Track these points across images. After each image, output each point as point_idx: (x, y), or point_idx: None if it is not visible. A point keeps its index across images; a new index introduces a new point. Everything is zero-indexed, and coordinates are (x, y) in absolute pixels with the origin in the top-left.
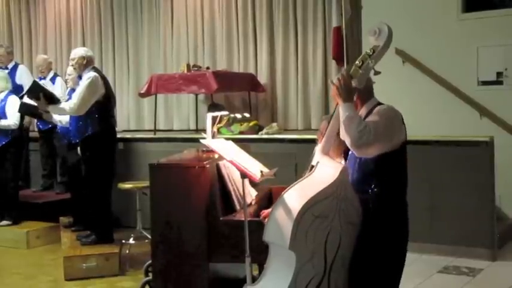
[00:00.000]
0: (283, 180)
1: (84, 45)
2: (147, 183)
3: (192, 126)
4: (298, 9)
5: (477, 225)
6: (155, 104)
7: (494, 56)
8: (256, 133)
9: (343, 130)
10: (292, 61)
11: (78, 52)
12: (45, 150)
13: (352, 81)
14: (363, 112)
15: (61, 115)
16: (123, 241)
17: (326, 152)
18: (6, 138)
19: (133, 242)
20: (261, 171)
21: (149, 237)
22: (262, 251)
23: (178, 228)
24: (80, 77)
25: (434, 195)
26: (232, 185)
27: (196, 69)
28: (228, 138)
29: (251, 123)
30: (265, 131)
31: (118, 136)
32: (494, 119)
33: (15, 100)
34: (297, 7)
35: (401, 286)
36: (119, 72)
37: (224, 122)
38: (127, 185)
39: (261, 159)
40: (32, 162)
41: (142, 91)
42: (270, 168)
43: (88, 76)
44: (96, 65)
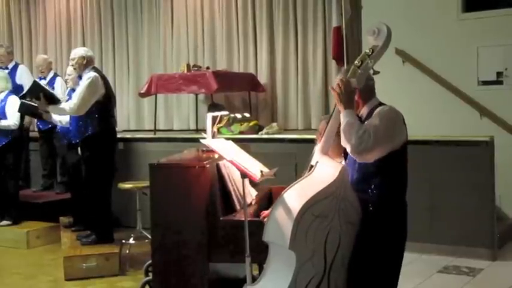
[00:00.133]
0: (283, 180)
1: (84, 45)
2: (147, 183)
3: (192, 126)
4: (298, 9)
5: (477, 225)
6: (155, 104)
7: (494, 56)
8: (256, 133)
9: (343, 137)
10: (292, 61)
11: (78, 52)
12: (45, 150)
13: (351, 81)
14: (364, 112)
15: (61, 115)
16: (123, 241)
17: (325, 151)
18: (6, 139)
19: (133, 242)
20: (261, 171)
21: (149, 237)
22: (262, 251)
23: (179, 228)
24: (80, 77)
25: (434, 195)
26: (232, 185)
27: (196, 69)
28: (228, 138)
29: (251, 123)
30: (265, 131)
31: (118, 136)
32: (495, 118)
33: (15, 100)
34: (297, 7)
35: (401, 286)
36: (119, 72)
37: (224, 122)
38: (127, 185)
39: (261, 159)
40: (32, 162)
41: (143, 91)
42: (270, 168)
43: (88, 76)
44: (96, 65)
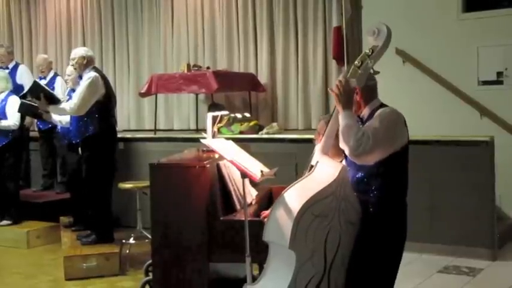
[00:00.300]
0: (283, 180)
1: (84, 45)
2: (147, 183)
3: (193, 126)
4: (299, 9)
5: (477, 225)
6: (155, 103)
7: (494, 56)
8: (257, 133)
9: (341, 139)
10: (293, 61)
11: (78, 52)
12: (46, 150)
13: (351, 81)
14: (365, 113)
15: (61, 115)
16: (124, 241)
17: (326, 151)
18: (7, 139)
19: (133, 241)
20: (261, 171)
21: (149, 237)
22: (262, 251)
23: (179, 228)
24: (80, 77)
25: (434, 195)
26: (232, 185)
27: (196, 69)
28: (228, 138)
29: (251, 123)
30: (265, 130)
31: (118, 136)
32: (495, 118)
33: (15, 100)
34: (297, 6)
35: (401, 286)
36: (119, 71)
37: (224, 121)
38: (127, 185)
39: (261, 159)
40: (32, 162)
41: (143, 91)
42: (270, 168)
43: (88, 76)
44: (96, 65)
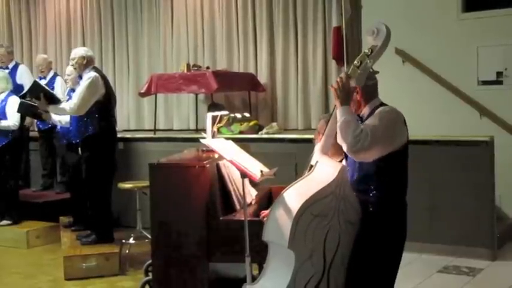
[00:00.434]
0: (283, 180)
1: (84, 45)
2: (147, 183)
3: (192, 126)
4: (298, 9)
5: (477, 225)
6: (155, 103)
7: (494, 55)
8: (256, 133)
9: (339, 135)
10: (292, 61)
11: (78, 52)
12: (45, 150)
13: (350, 81)
14: (365, 112)
15: (61, 115)
16: (123, 241)
17: (325, 151)
18: (6, 139)
19: (133, 241)
20: (261, 171)
21: (149, 237)
22: (262, 251)
23: (178, 228)
24: (80, 77)
25: (434, 195)
26: (232, 185)
27: (196, 68)
28: (228, 138)
29: (251, 123)
30: (265, 130)
31: (118, 136)
32: (494, 118)
33: (15, 101)
34: (297, 7)
35: (401, 286)
36: (118, 72)
37: (224, 121)
38: (127, 185)
39: (261, 159)
40: (32, 162)
41: (142, 91)
42: (270, 168)
43: (88, 76)
44: (96, 65)
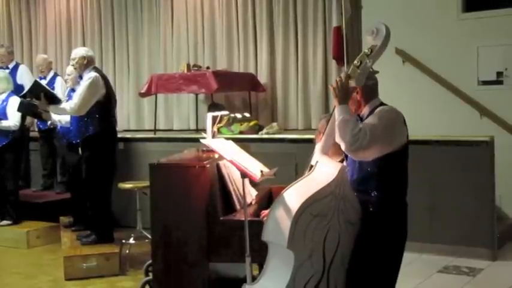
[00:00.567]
0: (283, 180)
1: (84, 45)
2: (147, 183)
3: (192, 126)
4: (299, 9)
5: (477, 225)
6: (155, 103)
7: (494, 55)
8: (256, 133)
9: (337, 133)
10: (292, 61)
11: (78, 52)
12: (46, 150)
13: (350, 81)
14: (365, 112)
15: (61, 115)
16: (123, 241)
17: (325, 151)
18: (7, 139)
19: (133, 242)
20: (261, 171)
21: (149, 237)
22: (262, 251)
23: (178, 228)
24: (80, 77)
25: (434, 195)
26: (232, 185)
27: (196, 69)
28: (228, 138)
29: (251, 123)
30: (265, 130)
31: (118, 136)
32: (495, 118)
33: (16, 101)
34: (297, 7)
35: (401, 286)
36: (119, 72)
37: (224, 121)
38: (127, 185)
39: (261, 159)
40: (32, 162)
41: (143, 91)
42: (270, 168)
43: (89, 76)
44: (96, 65)
